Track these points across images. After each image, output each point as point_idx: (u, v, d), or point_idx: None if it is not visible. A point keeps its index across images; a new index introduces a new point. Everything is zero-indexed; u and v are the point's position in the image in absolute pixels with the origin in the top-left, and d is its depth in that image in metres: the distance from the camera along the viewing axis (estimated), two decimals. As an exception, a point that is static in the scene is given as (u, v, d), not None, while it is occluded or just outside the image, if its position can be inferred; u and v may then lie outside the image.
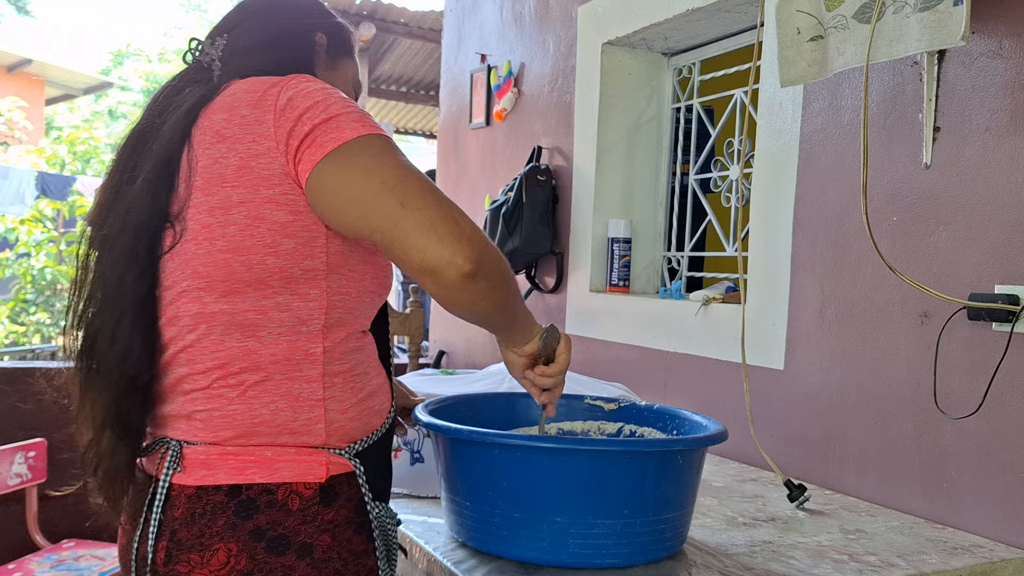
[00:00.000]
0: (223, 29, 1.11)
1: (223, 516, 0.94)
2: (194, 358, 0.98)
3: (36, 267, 8.33)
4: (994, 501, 1.45)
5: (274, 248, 0.95)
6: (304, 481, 0.96)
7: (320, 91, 0.97)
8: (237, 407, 0.97)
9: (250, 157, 0.95)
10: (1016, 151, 1.42)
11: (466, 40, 3.35)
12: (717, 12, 2.12)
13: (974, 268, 1.48)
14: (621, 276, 2.47)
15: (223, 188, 0.95)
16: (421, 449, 1.55)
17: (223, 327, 0.97)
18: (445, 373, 2.12)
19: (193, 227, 0.96)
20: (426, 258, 0.90)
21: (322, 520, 0.96)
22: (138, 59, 20.13)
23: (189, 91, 1.04)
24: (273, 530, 0.94)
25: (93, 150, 9.79)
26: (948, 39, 1.36)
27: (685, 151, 2.53)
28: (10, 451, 2.65)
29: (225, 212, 0.95)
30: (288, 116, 0.95)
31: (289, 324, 0.97)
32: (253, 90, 0.99)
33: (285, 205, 0.95)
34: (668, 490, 1.18)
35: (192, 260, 0.97)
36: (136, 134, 1.05)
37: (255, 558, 0.93)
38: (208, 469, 0.96)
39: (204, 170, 0.97)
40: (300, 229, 0.96)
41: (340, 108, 0.96)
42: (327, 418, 0.99)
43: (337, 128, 0.94)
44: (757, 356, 1.90)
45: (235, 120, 0.97)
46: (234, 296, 0.96)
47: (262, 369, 0.97)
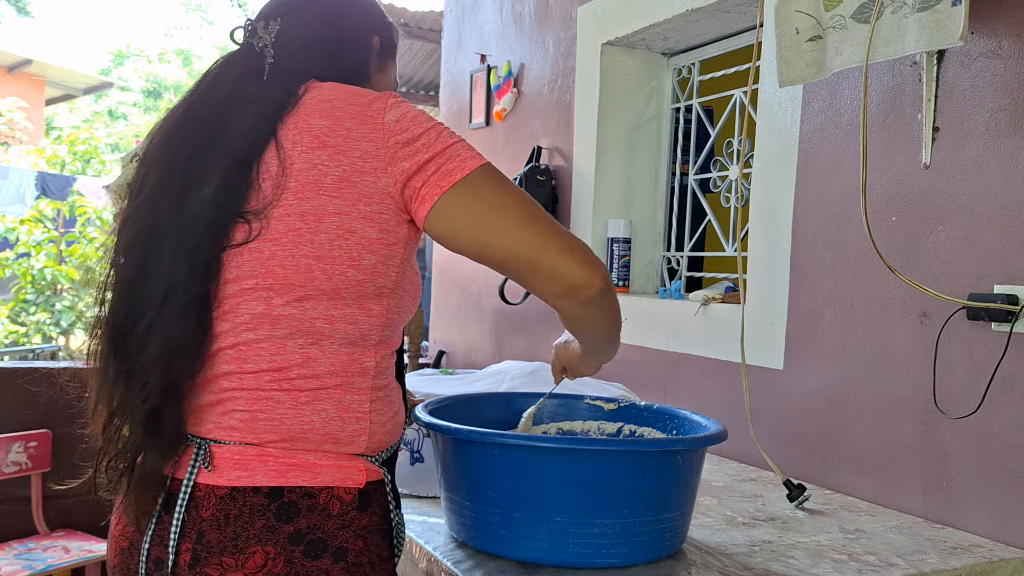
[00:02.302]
0: (277, 12, 1.07)
1: (262, 518, 0.92)
2: (245, 357, 0.96)
3: (36, 267, 8.33)
4: (993, 501, 1.45)
5: (357, 262, 0.96)
6: (345, 486, 0.97)
7: (424, 116, 1.00)
8: (287, 412, 0.96)
9: (354, 171, 0.95)
10: (1015, 151, 1.42)
11: (466, 40, 3.35)
12: (716, 12, 2.12)
13: (973, 268, 1.48)
14: (621, 276, 2.47)
15: (319, 195, 0.94)
16: (421, 449, 1.55)
17: (287, 331, 0.96)
18: (445, 373, 2.13)
19: (277, 228, 0.94)
20: (572, 279, 0.99)
21: (358, 525, 0.97)
22: (138, 59, 20.12)
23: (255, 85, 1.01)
24: (312, 534, 0.94)
25: (93, 150, 9.79)
26: (947, 39, 1.37)
27: (685, 151, 2.53)
28: (8, 439, 2.67)
29: (318, 220, 0.94)
30: (398, 139, 0.96)
31: (351, 337, 0.98)
32: (354, 102, 0.98)
33: (377, 223, 0.96)
34: (668, 490, 1.18)
35: (269, 260, 0.95)
36: (193, 121, 1.01)
37: (292, 561, 0.92)
38: (245, 470, 0.94)
39: (299, 174, 0.95)
40: (383, 247, 0.97)
41: (451, 137, 0.99)
42: (371, 430, 1.00)
43: (458, 157, 0.97)
44: (756, 356, 1.90)
45: (338, 130, 0.96)
46: (306, 302, 0.95)
47: (319, 378, 0.97)
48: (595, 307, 1.02)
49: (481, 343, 3.14)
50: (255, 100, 0.99)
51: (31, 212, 8.37)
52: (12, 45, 13.35)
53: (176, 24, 24.42)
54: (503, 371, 1.91)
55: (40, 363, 3.18)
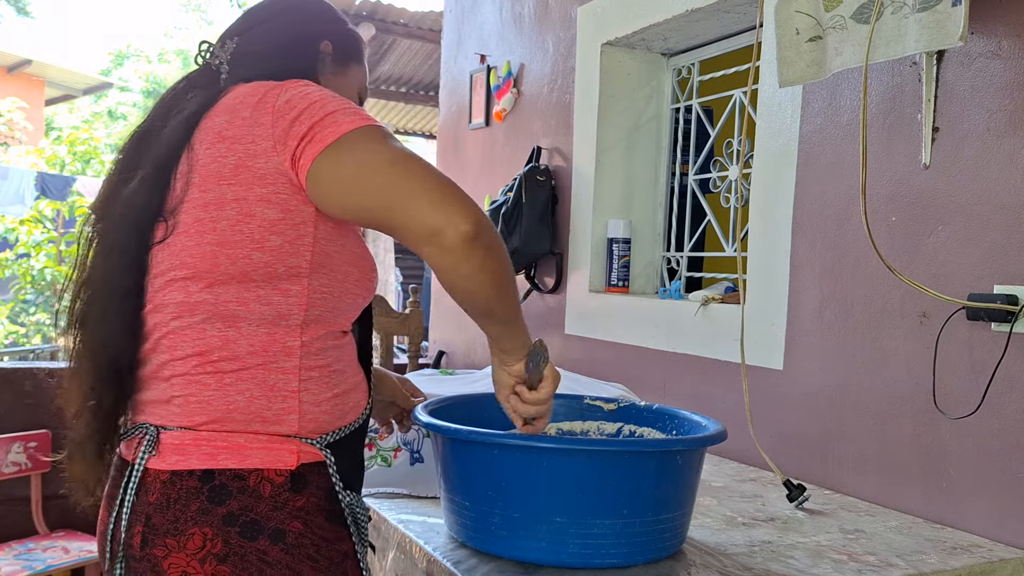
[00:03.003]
0: (234, 32, 1.15)
1: (196, 501, 0.96)
2: (175, 344, 1.01)
3: (36, 267, 8.33)
4: (993, 501, 1.45)
5: (260, 244, 0.99)
6: (275, 468, 0.99)
7: (317, 92, 1.01)
8: (213, 393, 1.00)
9: (247, 156, 0.99)
10: (1015, 151, 1.42)
11: (466, 41, 3.35)
12: (716, 13, 2.12)
13: (973, 268, 1.48)
14: (620, 276, 2.47)
15: (219, 185, 0.99)
16: (421, 449, 1.55)
17: (205, 316, 1.00)
18: (445, 373, 2.13)
19: (185, 221, 1.00)
20: (427, 222, 0.94)
21: (293, 506, 0.99)
22: (138, 60, 20.12)
23: (193, 96, 1.08)
24: (245, 515, 0.96)
25: (93, 151, 9.79)
26: (947, 40, 1.37)
27: (684, 151, 2.53)
28: (8, 440, 2.67)
29: (219, 208, 0.99)
30: (286, 116, 0.99)
31: (269, 318, 1.01)
32: (253, 93, 1.03)
33: (277, 204, 0.99)
34: (667, 490, 1.18)
35: (181, 252, 1.00)
36: (138, 135, 1.10)
37: (230, 542, 0.95)
38: (181, 454, 0.99)
39: (203, 168, 1.00)
40: (288, 227, 1.00)
41: (336, 106, 1.00)
42: (300, 409, 1.02)
43: (335, 123, 0.98)
44: (756, 356, 1.90)
45: (236, 121, 1.01)
46: (217, 287, 1.00)
47: (239, 359, 1.00)
48: (461, 256, 0.95)
49: (481, 343, 3.15)
50: (182, 108, 1.06)
51: (31, 212, 8.36)
52: (12, 45, 13.36)
53: (176, 24, 24.44)
54: (503, 371, 1.90)
55: (40, 363, 3.18)
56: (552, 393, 1.14)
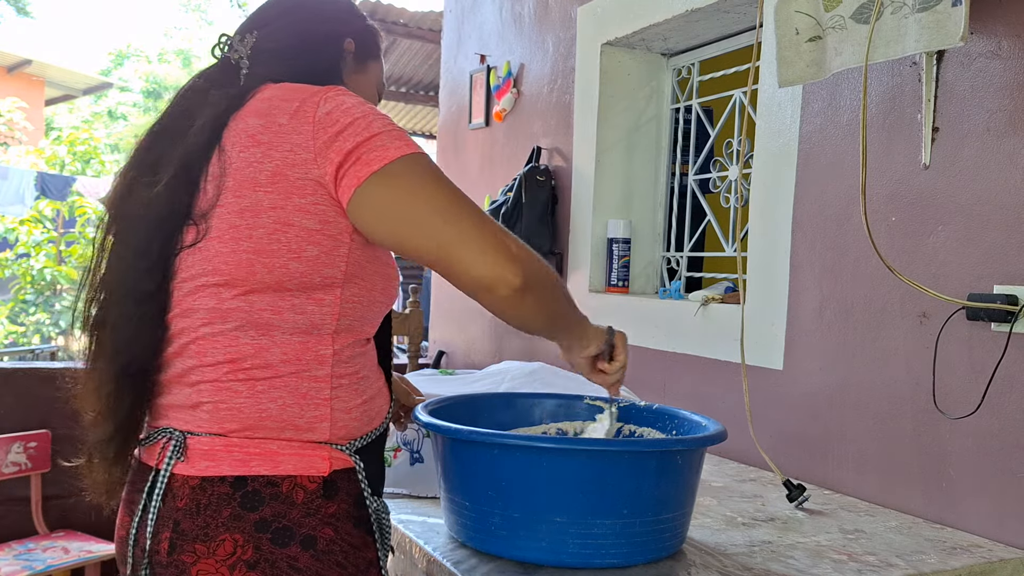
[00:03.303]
0: (253, 26, 1.12)
1: (228, 507, 0.95)
2: (205, 351, 1.00)
3: (36, 267, 8.33)
4: (993, 501, 1.45)
5: (298, 254, 0.98)
6: (308, 475, 0.98)
7: (359, 107, 0.99)
8: (245, 400, 0.98)
9: (286, 165, 0.97)
10: (1015, 151, 1.42)
11: (465, 41, 3.35)
12: (716, 13, 2.12)
13: (973, 268, 1.48)
14: (620, 276, 2.48)
15: (255, 192, 0.97)
16: (421, 449, 1.55)
17: (238, 324, 0.99)
18: (445, 373, 2.13)
19: (219, 226, 0.98)
20: (480, 275, 0.97)
21: (325, 513, 0.98)
22: (138, 60, 20.12)
23: (217, 94, 1.05)
24: (278, 522, 0.96)
25: (93, 151, 9.79)
26: (946, 40, 1.37)
27: (684, 151, 2.53)
28: (8, 440, 2.67)
29: (255, 215, 0.97)
30: (328, 129, 0.97)
31: (302, 326, 1.00)
32: (290, 98, 1.00)
33: (315, 214, 0.98)
34: (667, 490, 1.18)
35: (215, 257, 0.98)
36: (158, 131, 1.06)
37: (261, 548, 0.95)
38: (212, 460, 0.97)
39: (237, 172, 0.98)
40: (325, 238, 0.98)
41: (381, 126, 0.98)
42: (332, 417, 1.01)
43: (381, 147, 0.97)
44: (756, 356, 1.90)
45: (272, 127, 0.99)
46: (252, 295, 0.98)
47: (272, 367, 0.99)
48: (516, 307, 1.00)
49: (481, 343, 3.15)
50: (208, 106, 1.04)
51: (31, 212, 8.37)
52: (12, 45, 13.36)
53: (176, 24, 24.44)
54: (503, 371, 1.91)
55: (40, 363, 3.18)
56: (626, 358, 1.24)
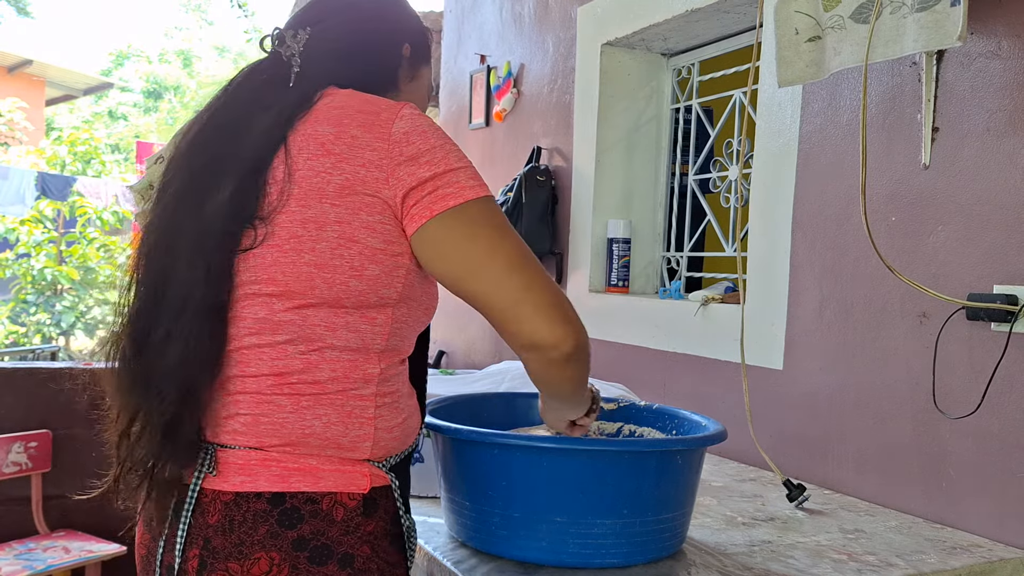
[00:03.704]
0: (305, 21, 1.07)
1: (265, 524, 0.92)
2: (248, 361, 0.96)
3: (36, 267, 8.34)
4: (993, 501, 1.45)
5: (359, 272, 0.95)
6: (348, 492, 0.95)
7: (434, 132, 0.97)
8: (288, 416, 0.95)
9: (356, 179, 0.94)
10: (1015, 151, 1.42)
11: (466, 41, 3.35)
12: (716, 13, 2.12)
13: (973, 268, 1.48)
14: (620, 276, 2.48)
15: (322, 203, 0.93)
16: (421, 449, 1.55)
17: (288, 337, 0.95)
18: (445, 373, 2.13)
19: (280, 234, 0.94)
20: (538, 337, 0.96)
21: (364, 531, 0.96)
22: (138, 60, 20.13)
23: (276, 92, 1.00)
24: (317, 540, 0.93)
25: (93, 151, 9.80)
26: (945, 39, 1.37)
27: (684, 151, 2.53)
28: (8, 440, 2.67)
29: (319, 228, 0.93)
30: (403, 150, 0.95)
31: (353, 345, 0.97)
32: (364, 110, 0.97)
33: (380, 233, 0.95)
34: (667, 490, 1.18)
35: (271, 266, 0.94)
36: (216, 126, 1.01)
37: (298, 567, 0.92)
38: (248, 475, 0.94)
39: (303, 180, 0.94)
40: (387, 257, 0.96)
41: (457, 160, 0.97)
42: (375, 436, 0.98)
43: (457, 183, 0.95)
44: (756, 356, 1.90)
45: (344, 137, 0.95)
46: (307, 310, 0.95)
47: (320, 384, 0.95)
48: (559, 370, 1.00)
49: (481, 343, 3.15)
50: (271, 106, 0.98)
51: (31, 212, 8.37)
52: (12, 46, 13.37)
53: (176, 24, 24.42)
54: (503, 371, 1.91)
55: (40, 363, 3.18)
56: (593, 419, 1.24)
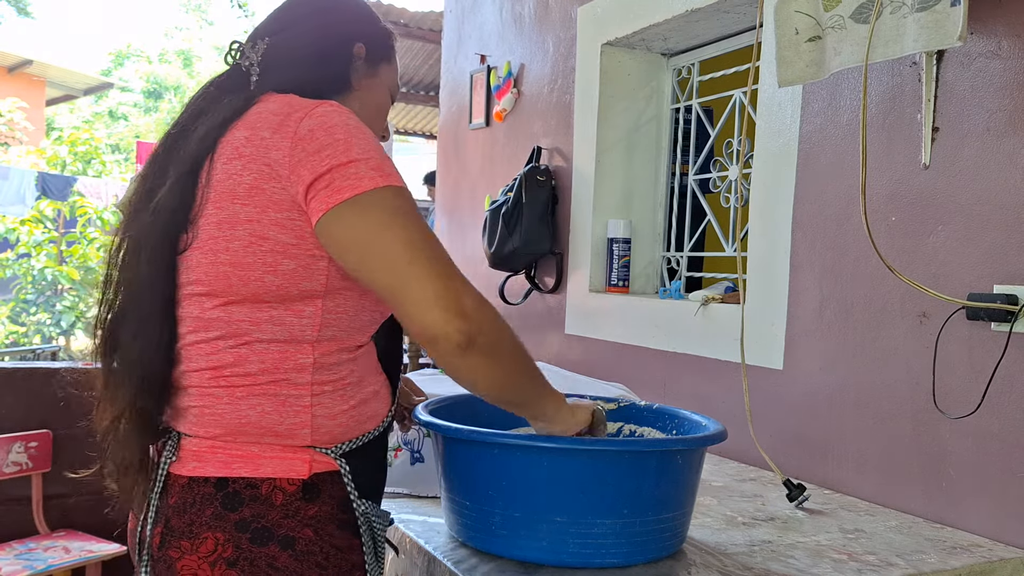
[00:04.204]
0: (265, 32, 1.12)
1: (211, 506, 0.98)
2: (191, 357, 1.02)
3: (36, 267, 8.34)
4: (993, 500, 1.45)
5: (273, 268, 0.98)
6: (288, 477, 1.00)
7: (343, 128, 0.98)
8: (226, 407, 1.00)
9: (263, 179, 0.97)
10: (1015, 151, 1.42)
11: (466, 41, 3.35)
12: (716, 13, 2.12)
13: (973, 268, 1.48)
14: (620, 276, 2.48)
15: (233, 204, 0.98)
16: (421, 449, 1.55)
17: (219, 333, 1.01)
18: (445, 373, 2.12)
19: (202, 236, 1.00)
20: (423, 327, 0.94)
21: (305, 515, 0.99)
22: (138, 60, 20.13)
23: (226, 100, 1.05)
24: (257, 522, 0.98)
25: (94, 151, 9.80)
26: (945, 39, 1.37)
27: (684, 151, 2.53)
28: (8, 440, 2.67)
29: (231, 227, 0.98)
30: (306, 147, 0.96)
31: (281, 337, 1.00)
32: (278, 112, 1.00)
33: (291, 229, 0.98)
34: (668, 490, 1.18)
35: (197, 268, 1.00)
36: (172, 136, 1.08)
37: (240, 547, 0.97)
38: (199, 461, 1.01)
39: (219, 184, 0.99)
40: (302, 252, 0.98)
41: (359, 152, 0.97)
42: (313, 424, 1.02)
43: (355, 175, 0.95)
44: (756, 356, 1.90)
45: (255, 140, 0.99)
46: (231, 306, 1.00)
47: (251, 375, 1.00)
48: (457, 362, 0.96)
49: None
50: (214, 114, 1.04)
51: (31, 212, 8.37)
52: (12, 46, 13.36)
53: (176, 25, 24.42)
54: (503, 371, 1.90)
55: (40, 363, 3.18)
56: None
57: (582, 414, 1.16)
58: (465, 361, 0.96)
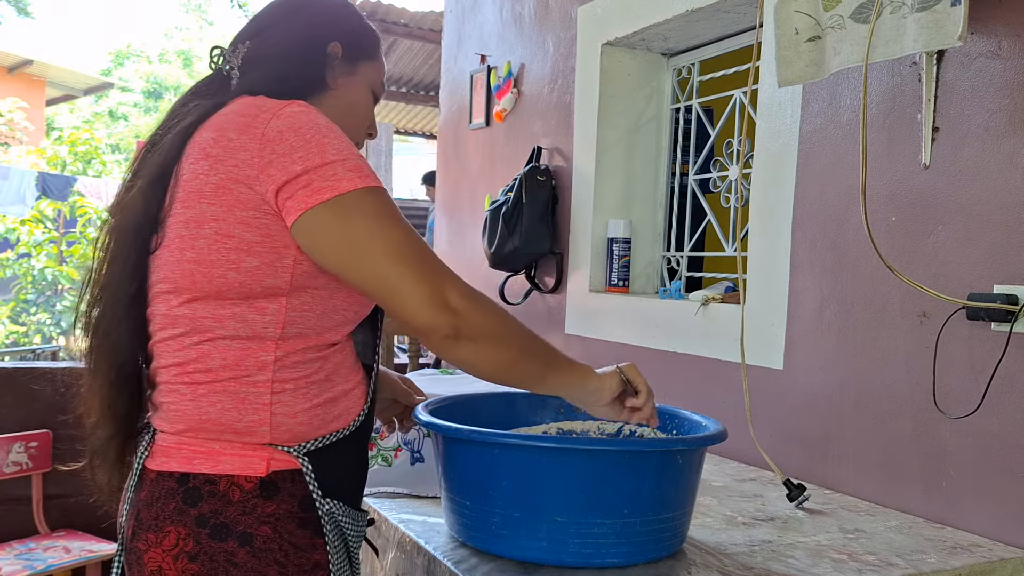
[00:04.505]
0: (246, 36, 1.14)
1: (173, 501, 1.01)
2: (161, 354, 1.06)
3: (37, 267, 8.34)
4: (993, 500, 1.45)
5: (236, 265, 1.00)
6: (245, 474, 1.01)
7: (313, 128, 0.99)
8: (188, 404, 1.03)
9: (230, 180, 0.99)
10: (1015, 151, 1.42)
11: (466, 41, 3.35)
12: (716, 13, 2.12)
13: (973, 268, 1.48)
14: (621, 276, 2.48)
15: (200, 203, 1.00)
16: (421, 449, 1.55)
17: (183, 330, 1.03)
18: (445, 373, 2.13)
19: (170, 235, 1.03)
20: (415, 322, 0.99)
21: (262, 512, 1.01)
22: (139, 60, 20.13)
23: (195, 105, 1.08)
24: (215, 518, 0.99)
25: (94, 151, 9.80)
26: (945, 39, 1.37)
27: (684, 151, 2.53)
28: (8, 439, 2.67)
29: (198, 226, 1.00)
30: (275, 148, 0.98)
31: (243, 334, 1.02)
32: (245, 113, 1.02)
33: (256, 227, 1.00)
34: (667, 490, 1.18)
35: (164, 266, 1.03)
36: (149, 142, 1.11)
37: (200, 542, 0.99)
38: (166, 456, 1.04)
39: (186, 184, 1.02)
40: (267, 250, 1.00)
41: (335, 154, 0.98)
42: (272, 422, 1.03)
43: (333, 177, 0.97)
44: (756, 356, 1.90)
45: (221, 141, 1.01)
46: (195, 303, 1.02)
47: (212, 372, 1.02)
48: (452, 353, 1.02)
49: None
50: (183, 117, 1.07)
51: (32, 212, 8.37)
52: (12, 46, 13.37)
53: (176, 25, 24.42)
54: (503, 371, 1.90)
55: (40, 363, 3.19)
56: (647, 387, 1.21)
57: (610, 381, 1.18)
58: (459, 349, 1.01)
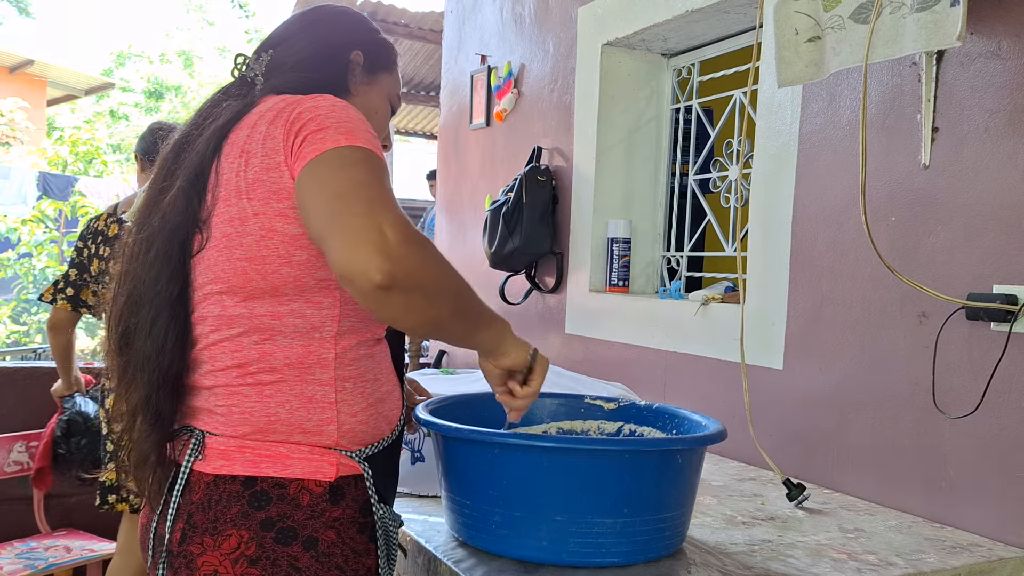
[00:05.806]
0: (270, 44, 1.17)
1: (237, 504, 0.99)
2: (215, 356, 1.04)
3: (38, 267, 8.34)
4: (992, 500, 1.45)
5: (287, 259, 1.00)
6: (315, 479, 1.01)
7: (327, 107, 1.00)
8: (254, 405, 1.02)
9: (263, 170, 0.99)
10: (1014, 151, 1.42)
11: (466, 41, 3.35)
12: (716, 13, 2.12)
13: (972, 268, 1.48)
14: (621, 276, 2.48)
15: (240, 200, 1.00)
16: (421, 449, 1.55)
17: (242, 329, 1.02)
18: (445, 373, 2.13)
19: (216, 235, 1.02)
20: (341, 265, 0.89)
21: (329, 517, 1.01)
22: (140, 60, 20.13)
23: (227, 105, 1.09)
24: (282, 522, 0.99)
25: (95, 151, 9.81)
26: (945, 40, 1.37)
27: (684, 152, 2.53)
28: (9, 439, 2.67)
29: (242, 223, 1.00)
30: (293, 129, 0.99)
31: (303, 330, 1.02)
32: (274, 107, 1.03)
33: (295, 219, 0.99)
34: (667, 489, 1.18)
35: (214, 266, 1.02)
36: (178, 144, 1.11)
37: (263, 546, 0.98)
38: (226, 459, 1.01)
39: (226, 182, 1.02)
40: (310, 241, 0.99)
41: (332, 121, 0.98)
42: (339, 420, 1.03)
43: (321, 139, 0.97)
44: (756, 356, 1.90)
45: (254, 136, 1.02)
46: (252, 301, 1.01)
47: (277, 371, 1.02)
48: (378, 303, 0.89)
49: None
50: (217, 117, 1.07)
51: (33, 212, 8.38)
52: (14, 46, 13.37)
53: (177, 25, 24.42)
54: (503, 371, 1.90)
55: (42, 363, 3.19)
56: (539, 387, 1.13)
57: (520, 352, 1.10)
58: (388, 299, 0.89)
